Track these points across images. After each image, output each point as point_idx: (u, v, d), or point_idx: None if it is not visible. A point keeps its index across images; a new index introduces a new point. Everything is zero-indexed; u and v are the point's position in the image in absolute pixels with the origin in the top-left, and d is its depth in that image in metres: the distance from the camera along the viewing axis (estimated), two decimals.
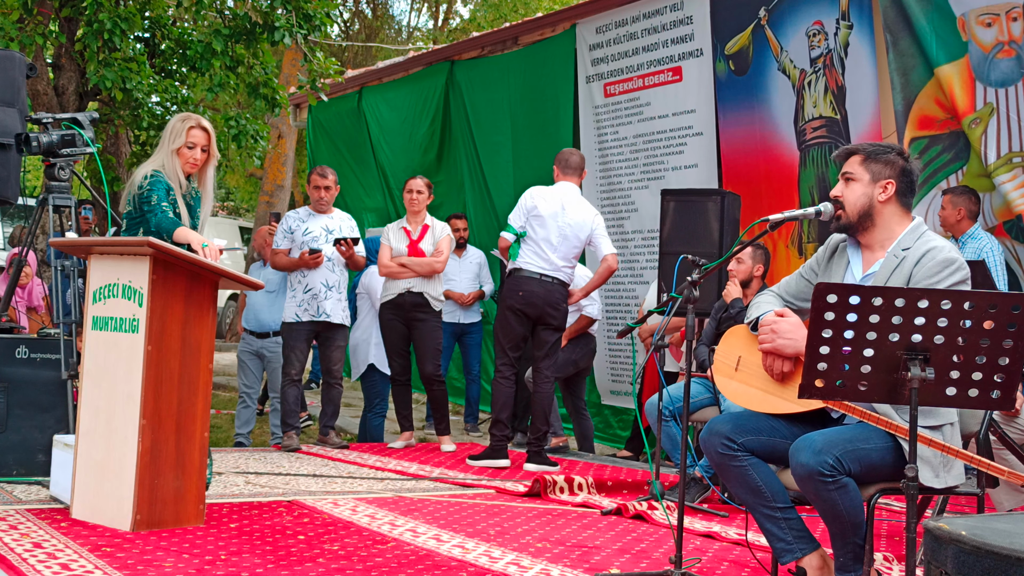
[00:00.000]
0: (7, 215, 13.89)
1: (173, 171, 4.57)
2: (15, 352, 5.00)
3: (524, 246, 6.08)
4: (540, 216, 6.05)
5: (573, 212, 6.12)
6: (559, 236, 6.06)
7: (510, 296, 6.09)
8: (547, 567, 3.66)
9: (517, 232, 6.08)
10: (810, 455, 2.94)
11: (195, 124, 4.59)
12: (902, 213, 3.21)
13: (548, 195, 6.13)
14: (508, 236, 6.10)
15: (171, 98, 8.29)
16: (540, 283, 6.04)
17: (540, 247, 6.05)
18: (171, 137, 4.59)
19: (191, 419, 4.07)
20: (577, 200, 6.17)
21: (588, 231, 6.14)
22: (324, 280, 6.59)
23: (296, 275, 6.60)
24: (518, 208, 6.15)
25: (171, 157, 4.58)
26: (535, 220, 6.06)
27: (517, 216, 6.12)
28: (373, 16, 22.96)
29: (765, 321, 3.23)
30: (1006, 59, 5.72)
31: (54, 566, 3.29)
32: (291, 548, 3.74)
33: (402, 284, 6.65)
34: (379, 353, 7.14)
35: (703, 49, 7.24)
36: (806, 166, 6.74)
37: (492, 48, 9.38)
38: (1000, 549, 2.20)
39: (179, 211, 4.58)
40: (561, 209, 6.07)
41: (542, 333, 6.14)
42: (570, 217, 6.10)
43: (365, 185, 10.98)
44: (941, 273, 3.03)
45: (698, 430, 5.24)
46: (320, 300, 6.56)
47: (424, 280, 6.65)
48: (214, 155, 4.70)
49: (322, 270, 6.57)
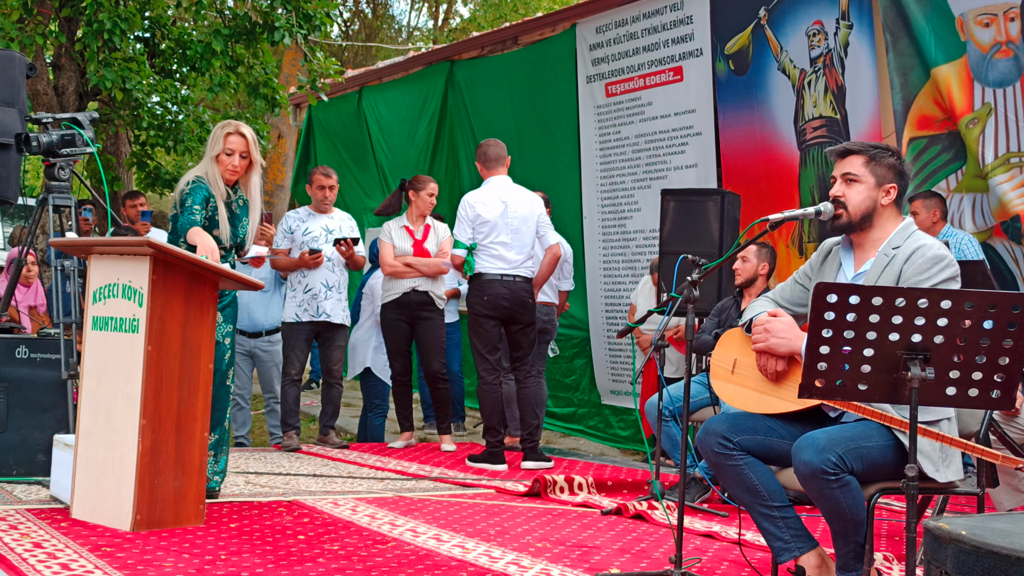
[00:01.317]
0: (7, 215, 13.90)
1: (214, 179, 4.60)
2: (15, 352, 5.00)
3: (479, 254, 6.05)
4: (486, 222, 6.03)
5: (517, 205, 6.10)
6: (510, 233, 6.05)
7: (476, 302, 6.07)
8: (547, 567, 3.66)
9: (467, 246, 6.04)
10: (813, 453, 2.95)
11: (233, 130, 4.60)
12: (896, 214, 3.26)
13: (487, 198, 6.09)
14: (460, 253, 6.05)
15: (171, 98, 8.29)
16: (503, 284, 6.03)
17: (495, 250, 6.04)
18: (211, 144, 4.63)
19: (191, 419, 4.07)
20: (516, 192, 6.16)
21: (535, 218, 6.14)
22: (324, 280, 6.59)
23: (296, 275, 6.60)
24: (460, 221, 6.07)
25: (211, 164, 4.61)
26: (482, 227, 6.03)
27: (462, 230, 6.06)
28: (373, 16, 22.96)
29: (759, 321, 3.25)
30: (1004, 59, 5.71)
31: (54, 566, 3.29)
32: (291, 548, 3.75)
33: (407, 283, 6.63)
34: (377, 357, 7.14)
35: (703, 49, 7.24)
36: (806, 166, 6.74)
37: (492, 48, 9.38)
38: (1000, 549, 2.20)
39: (218, 218, 4.58)
40: (504, 207, 6.06)
41: (516, 335, 6.14)
42: (515, 211, 6.08)
43: (364, 185, 10.98)
44: (931, 270, 3.05)
45: (698, 430, 5.24)
46: (320, 300, 6.56)
47: (429, 279, 6.64)
48: (256, 161, 4.69)
49: (322, 270, 6.57)
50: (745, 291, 5.48)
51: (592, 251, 8.08)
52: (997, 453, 2.89)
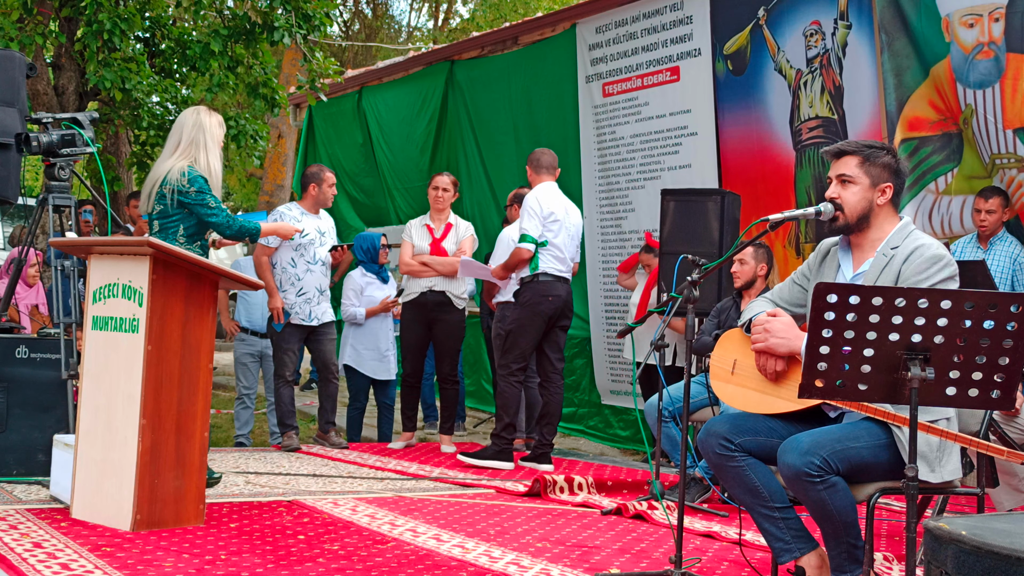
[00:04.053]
0: (7, 215, 13.90)
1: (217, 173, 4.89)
2: (15, 352, 5.01)
3: (544, 253, 5.98)
4: (557, 220, 5.99)
5: (574, 214, 6.16)
6: (568, 237, 6.06)
7: (538, 301, 5.96)
8: (547, 567, 3.66)
9: (538, 242, 5.94)
10: (796, 456, 2.96)
11: None
12: (893, 213, 3.25)
13: (556, 199, 6.05)
14: (529, 247, 5.91)
15: (171, 98, 8.29)
16: (563, 285, 6.05)
17: (558, 251, 6.01)
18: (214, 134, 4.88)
19: (191, 419, 4.07)
20: (568, 200, 6.18)
21: (581, 228, 6.21)
22: (318, 285, 6.51)
23: (291, 276, 6.45)
24: (531, 216, 5.94)
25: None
26: (552, 225, 5.98)
27: (534, 225, 5.93)
28: (373, 16, 22.97)
29: (758, 321, 3.25)
30: (984, 60, 5.65)
31: (54, 566, 3.29)
32: (291, 548, 3.75)
33: (424, 283, 6.60)
34: (354, 354, 7.10)
35: (701, 49, 7.23)
36: (802, 166, 6.73)
37: (492, 48, 9.38)
38: (1000, 549, 2.20)
39: None
40: (566, 212, 6.08)
41: (559, 336, 6.13)
42: (573, 219, 6.13)
43: (365, 185, 10.98)
44: (930, 269, 3.05)
45: (698, 430, 5.24)
46: (312, 305, 6.47)
47: (446, 279, 6.61)
48: None
49: (316, 275, 6.49)
50: (744, 292, 5.48)
51: (592, 251, 8.08)
52: (1002, 448, 2.89)
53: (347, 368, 7.13)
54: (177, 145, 4.79)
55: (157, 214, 4.76)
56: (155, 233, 4.75)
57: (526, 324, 6.00)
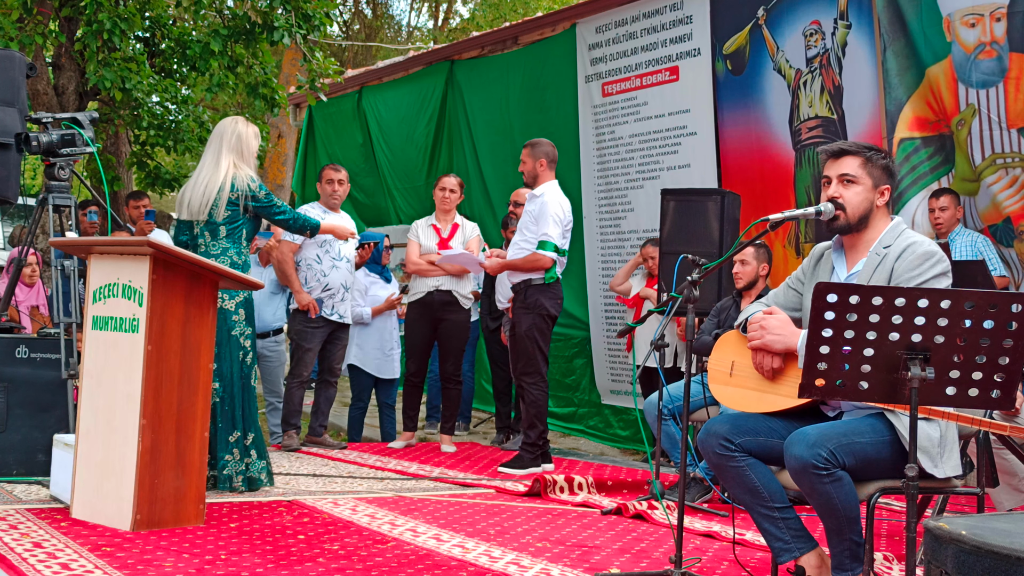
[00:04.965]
0: (7, 215, 13.90)
1: None
2: (15, 352, 5.01)
3: (559, 260, 5.92)
4: (568, 226, 5.96)
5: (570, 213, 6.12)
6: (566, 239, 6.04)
7: (552, 305, 5.90)
8: (547, 567, 3.66)
9: (561, 251, 5.85)
10: (804, 448, 2.96)
11: None
12: (887, 214, 3.28)
13: (566, 203, 5.97)
14: (552, 255, 5.79)
15: (171, 98, 8.30)
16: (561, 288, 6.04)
17: (564, 255, 6.01)
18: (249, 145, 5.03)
19: (191, 419, 4.07)
20: None
21: None
22: (344, 281, 6.48)
23: (316, 272, 6.40)
24: (555, 223, 5.77)
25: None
26: (567, 233, 5.94)
27: (559, 233, 5.81)
28: (373, 16, 22.97)
29: (754, 319, 3.27)
30: (987, 60, 5.66)
31: (54, 566, 3.29)
32: (291, 548, 3.75)
33: (430, 282, 6.59)
34: (360, 353, 7.10)
35: (701, 49, 7.23)
36: (801, 166, 6.74)
37: (492, 48, 9.38)
38: (1000, 549, 2.20)
39: None
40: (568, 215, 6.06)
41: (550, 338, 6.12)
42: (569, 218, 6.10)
43: (364, 185, 10.97)
44: (923, 266, 3.07)
45: (698, 430, 5.24)
46: (336, 301, 6.46)
47: (453, 278, 6.60)
48: None
49: (342, 271, 6.49)
50: (745, 293, 5.47)
51: (592, 251, 8.08)
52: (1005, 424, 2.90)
53: (351, 367, 7.14)
54: (218, 153, 4.89)
55: (225, 220, 4.84)
56: (222, 238, 4.85)
57: (543, 329, 5.92)
